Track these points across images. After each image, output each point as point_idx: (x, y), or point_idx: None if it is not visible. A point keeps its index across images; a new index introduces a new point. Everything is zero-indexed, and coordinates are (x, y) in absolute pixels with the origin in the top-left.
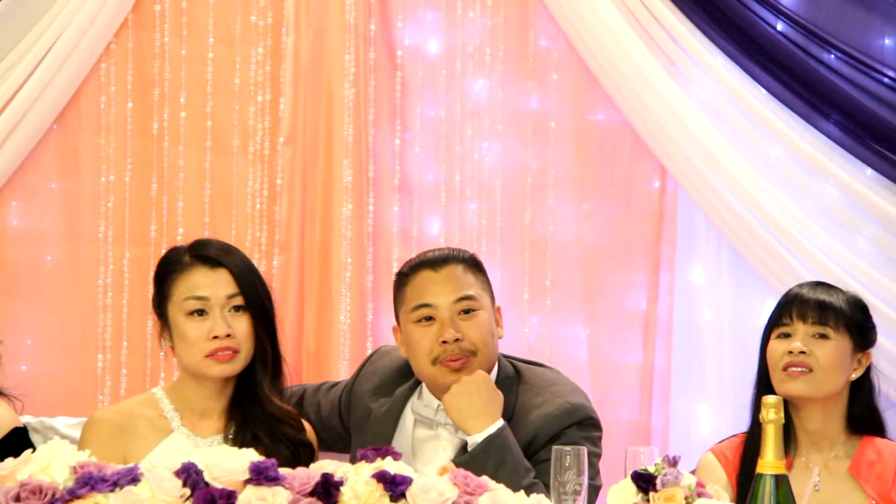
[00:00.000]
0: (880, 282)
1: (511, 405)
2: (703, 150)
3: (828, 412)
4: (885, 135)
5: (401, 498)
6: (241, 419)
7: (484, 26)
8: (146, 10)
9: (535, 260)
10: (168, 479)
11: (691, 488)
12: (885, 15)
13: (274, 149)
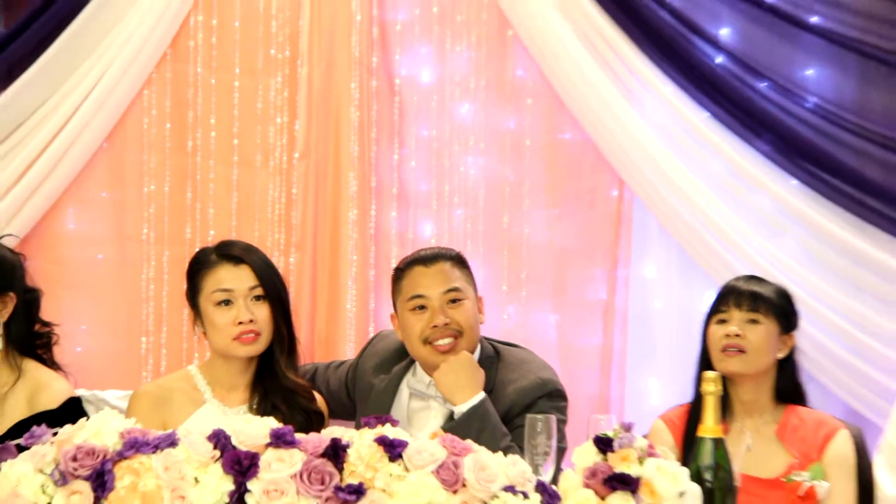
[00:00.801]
0: (803, 276)
1: (491, 380)
2: (654, 164)
3: (758, 385)
4: (808, 152)
5: (398, 458)
6: (262, 392)
7: (469, 59)
8: (182, 45)
9: (512, 257)
10: (201, 443)
11: (643, 449)
12: (808, 50)
13: (290, 163)
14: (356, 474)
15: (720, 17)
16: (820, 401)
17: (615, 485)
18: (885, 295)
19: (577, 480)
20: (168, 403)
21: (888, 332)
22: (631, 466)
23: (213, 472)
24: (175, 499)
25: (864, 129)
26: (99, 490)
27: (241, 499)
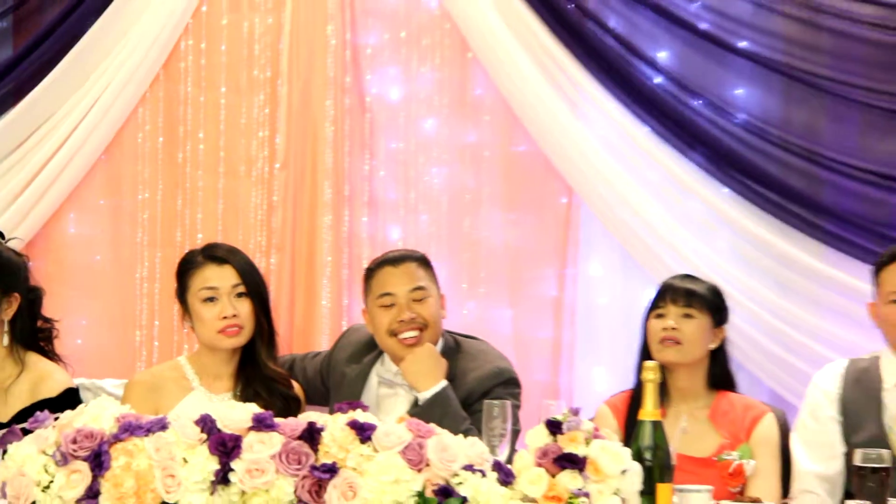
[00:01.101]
0: (733, 275)
1: (452, 369)
2: (600, 173)
3: (693, 374)
4: (737, 163)
5: (368, 440)
6: (245, 380)
7: (433, 79)
8: (173, 67)
9: (471, 258)
10: (190, 427)
11: (589, 432)
12: (737, 72)
13: (271, 173)
14: (330, 455)
15: (658, 41)
16: (748, 387)
17: (564, 464)
18: (807, 292)
19: (530, 460)
20: (160, 391)
21: (809, 325)
22: (578, 447)
23: (200, 453)
24: (165, 477)
25: (788, 143)
26: (96, 469)
27: (225, 477)
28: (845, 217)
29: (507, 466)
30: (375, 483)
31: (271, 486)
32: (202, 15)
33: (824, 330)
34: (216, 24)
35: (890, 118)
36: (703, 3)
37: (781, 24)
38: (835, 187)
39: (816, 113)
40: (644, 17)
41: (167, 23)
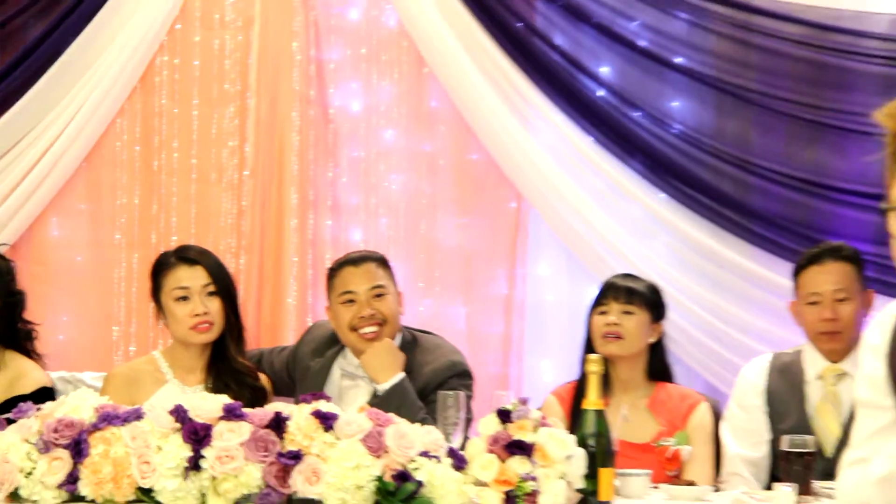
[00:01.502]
0: (671, 274)
1: (409, 362)
2: (547, 180)
3: (633, 366)
4: (673, 170)
5: (330, 429)
6: (216, 373)
7: (391, 92)
8: (149, 81)
9: (427, 259)
10: (164, 417)
11: (537, 420)
12: (673, 85)
13: (241, 180)
14: (295, 442)
15: (601, 57)
16: (684, 378)
17: (514, 450)
18: (738, 289)
19: (482, 447)
20: (136, 383)
21: (741, 320)
22: (527, 434)
23: (173, 441)
24: (141, 464)
25: (720, 151)
26: (76, 456)
27: (197, 464)
28: (773, 220)
29: (460, 453)
30: (338, 468)
31: (240, 471)
32: (176, 32)
33: (753, 324)
34: (189, 41)
35: (814, 129)
36: (642, 22)
37: (714, 41)
38: (763, 192)
39: (746, 124)
40: (587, 35)
41: (143, 39)
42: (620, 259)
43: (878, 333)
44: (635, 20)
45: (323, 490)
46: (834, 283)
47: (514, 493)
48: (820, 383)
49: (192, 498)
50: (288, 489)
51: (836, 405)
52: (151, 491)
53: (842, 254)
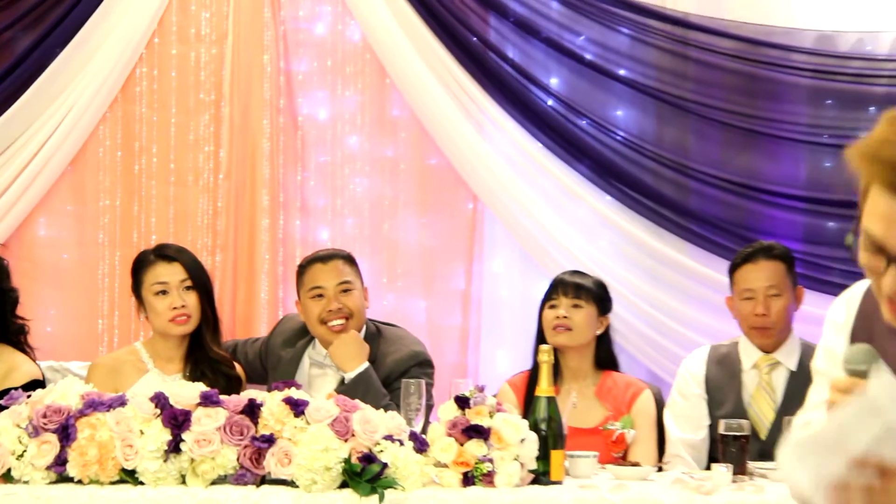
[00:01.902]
0: (616, 271)
1: (374, 353)
2: (501, 183)
3: (581, 356)
4: (618, 174)
5: (301, 415)
6: (193, 362)
7: (356, 101)
8: (130, 90)
9: (390, 256)
10: (145, 403)
11: (493, 406)
12: (617, 95)
13: (216, 183)
14: (268, 427)
15: (550, 70)
16: (629, 367)
17: (471, 434)
18: (678, 284)
19: (442, 431)
20: (119, 373)
21: (681, 313)
22: (483, 419)
23: (154, 426)
24: (124, 447)
25: (660, 157)
26: (64, 440)
27: (177, 447)
28: (709, 220)
29: (421, 436)
30: (308, 451)
31: (217, 454)
32: (155, 46)
33: (692, 317)
34: (167, 53)
35: (747, 136)
36: (588, 37)
37: (654, 55)
38: (700, 195)
39: (684, 131)
40: (537, 48)
41: (124, 52)
42: (569, 256)
43: (843, 311)
44: (581, 35)
45: (294, 471)
46: (766, 279)
47: (471, 474)
48: (755, 372)
49: (172, 478)
50: (261, 470)
51: (770, 392)
52: (134, 472)
53: (774, 252)
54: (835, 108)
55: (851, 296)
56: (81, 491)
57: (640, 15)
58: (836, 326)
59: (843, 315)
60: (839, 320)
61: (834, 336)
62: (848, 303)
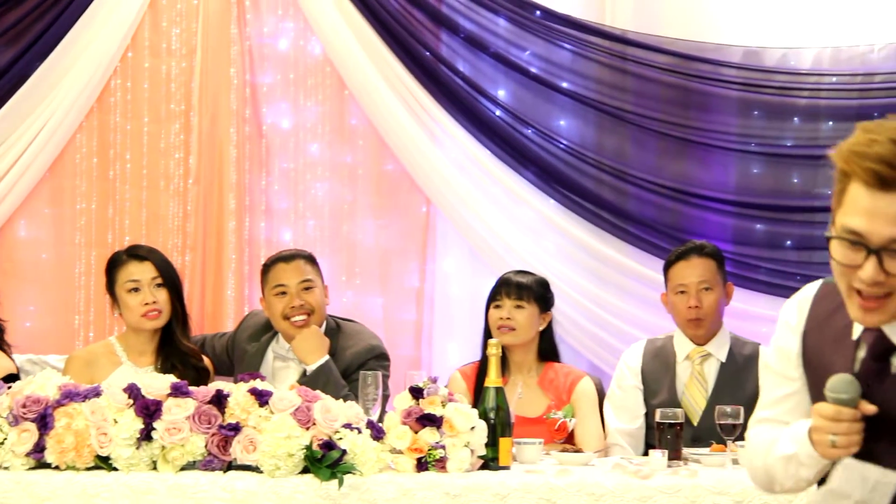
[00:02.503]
0: (559, 269)
1: (334, 346)
2: (452, 188)
3: (526, 350)
4: (561, 179)
5: (265, 404)
6: (164, 355)
7: (317, 111)
8: (105, 101)
9: (349, 256)
10: (119, 394)
11: (445, 396)
12: (560, 106)
13: (186, 187)
14: (234, 416)
15: (498, 82)
16: (571, 359)
17: (425, 422)
18: (618, 283)
19: (397, 419)
20: (94, 365)
21: (619, 309)
22: (436, 409)
23: (127, 415)
24: (99, 435)
25: (601, 163)
26: (42, 429)
27: (148, 435)
28: (646, 222)
29: (378, 425)
30: (271, 439)
31: (186, 441)
32: (128, 59)
33: (630, 313)
34: (140, 66)
35: (681, 144)
36: (533, 52)
37: (595, 68)
38: (638, 199)
39: (623, 140)
40: (486, 62)
41: (100, 66)
42: (515, 256)
43: (795, 313)
44: (527, 50)
45: (259, 457)
46: (699, 275)
47: (425, 460)
48: (688, 363)
49: (144, 465)
50: (228, 457)
51: (702, 382)
52: (108, 458)
53: (705, 251)
54: (761, 118)
55: (803, 298)
56: (59, 476)
57: (581, 31)
58: (790, 328)
59: (795, 317)
60: (791, 322)
61: (787, 336)
62: (800, 305)
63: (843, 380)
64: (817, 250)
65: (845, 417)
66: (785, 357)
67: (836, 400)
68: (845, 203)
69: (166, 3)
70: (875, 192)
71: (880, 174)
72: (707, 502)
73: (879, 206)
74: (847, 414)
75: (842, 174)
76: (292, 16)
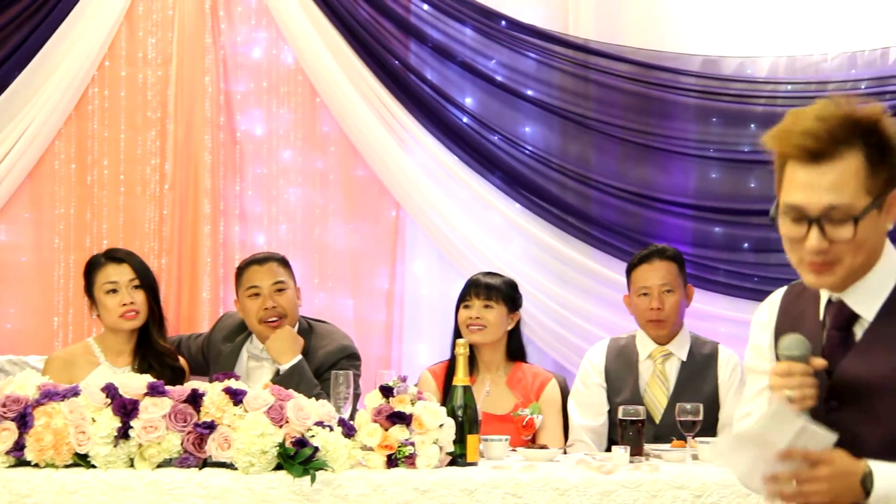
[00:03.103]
0: (525, 272)
1: (306, 346)
2: (421, 192)
3: (494, 350)
4: (526, 184)
5: (239, 403)
6: (141, 356)
7: (289, 118)
8: (83, 109)
9: (321, 259)
10: (97, 393)
11: (414, 395)
12: (526, 113)
13: (162, 193)
14: (209, 414)
15: (465, 90)
16: (537, 358)
17: (395, 420)
18: (582, 285)
19: (368, 417)
20: (73, 365)
21: (583, 310)
22: (406, 407)
23: (105, 414)
24: (78, 433)
25: (565, 169)
26: (22, 427)
27: (126, 433)
28: (609, 226)
29: (349, 423)
30: (246, 436)
31: (163, 439)
32: (105, 68)
33: (593, 313)
34: (117, 75)
35: (642, 150)
36: (498, 61)
37: (558, 77)
38: (601, 203)
39: (586, 146)
40: (453, 71)
41: (77, 74)
42: (483, 259)
43: (766, 312)
44: (493, 59)
45: (233, 454)
46: (660, 278)
47: (395, 456)
48: (650, 362)
49: (121, 462)
50: (203, 454)
51: (664, 381)
52: (87, 456)
53: (667, 254)
54: (719, 125)
55: (773, 299)
56: (38, 474)
57: (545, 41)
58: (762, 325)
59: (766, 315)
60: (763, 320)
61: (760, 334)
62: (770, 305)
63: (794, 338)
64: (774, 252)
65: (797, 371)
66: (758, 352)
67: (788, 357)
68: (784, 182)
69: (142, 14)
70: (807, 165)
71: (807, 148)
72: (667, 496)
73: (812, 179)
74: (798, 368)
75: (778, 157)
76: (265, 26)
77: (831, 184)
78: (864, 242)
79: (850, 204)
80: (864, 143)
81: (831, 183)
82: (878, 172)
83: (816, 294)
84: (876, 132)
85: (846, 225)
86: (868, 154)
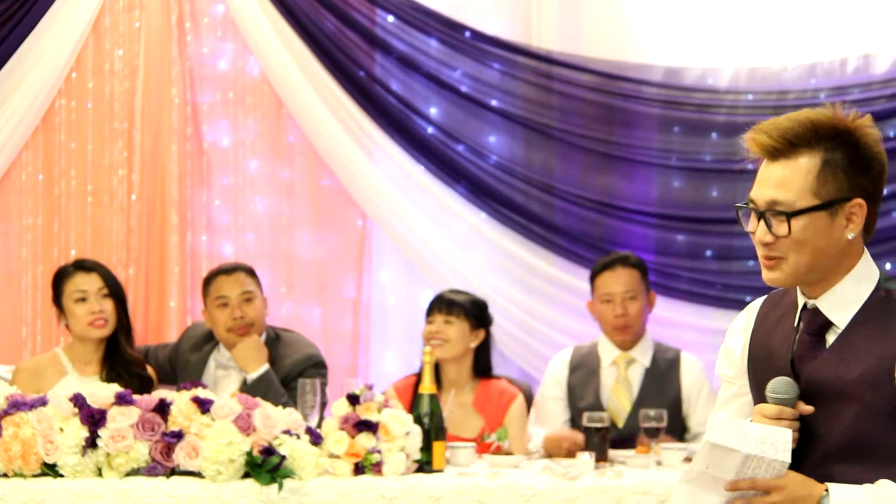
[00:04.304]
0: (491, 281)
1: (273, 355)
2: (387, 202)
3: (459, 366)
4: (492, 193)
5: (207, 412)
6: (109, 365)
7: (256, 129)
8: (50, 120)
9: (288, 268)
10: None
11: (381, 403)
12: (490, 123)
13: (129, 203)
14: (177, 423)
15: (430, 101)
16: (502, 365)
17: (361, 428)
18: (546, 292)
19: (335, 425)
20: (41, 375)
21: (548, 317)
22: (372, 415)
23: (73, 424)
24: (46, 443)
25: (530, 178)
26: None
27: (94, 442)
28: (573, 234)
29: (316, 431)
30: (213, 445)
31: (130, 448)
32: (72, 80)
33: (558, 321)
34: (84, 87)
35: (605, 159)
36: (463, 71)
37: (522, 87)
38: (565, 212)
39: (550, 155)
40: (418, 82)
41: (45, 86)
42: (448, 268)
43: (744, 319)
44: (458, 70)
45: (201, 463)
46: (624, 284)
47: (362, 464)
48: (613, 368)
49: (89, 471)
50: (171, 463)
51: (627, 386)
52: (55, 466)
53: (630, 261)
54: (681, 134)
55: (751, 306)
56: (6, 483)
57: (508, 52)
58: (736, 331)
59: (742, 322)
60: (738, 327)
61: (733, 339)
62: (749, 311)
63: (783, 382)
64: (736, 260)
65: (786, 416)
66: (729, 357)
67: (776, 400)
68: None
69: (109, 26)
70: (767, 163)
71: (764, 144)
72: (632, 502)
73: (765, 174)
74: (787, 413)
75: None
76: (231, 37)
77: (778, 180)
78: (806, 242)
79: (790, 201)
80: (827, 148)
81: (778, 179)
82: (833, 178)
83: (795, 301)
84: (846, 141)
85: (784, 221)
86: (827, 159)
